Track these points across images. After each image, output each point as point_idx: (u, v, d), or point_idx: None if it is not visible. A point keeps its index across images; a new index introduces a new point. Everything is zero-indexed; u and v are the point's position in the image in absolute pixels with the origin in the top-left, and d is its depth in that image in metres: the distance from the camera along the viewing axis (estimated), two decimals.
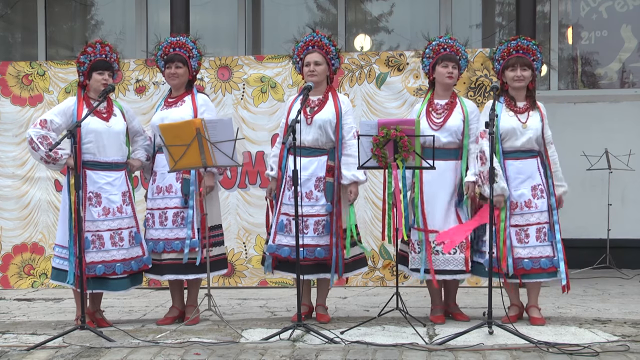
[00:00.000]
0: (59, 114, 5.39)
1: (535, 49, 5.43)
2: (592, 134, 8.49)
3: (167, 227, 5.46)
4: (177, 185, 5.45)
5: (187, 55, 5.61)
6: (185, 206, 5.42)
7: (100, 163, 5.32)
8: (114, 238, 5.34)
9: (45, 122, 5.33)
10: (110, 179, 5.38)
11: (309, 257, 5.35)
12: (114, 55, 5.59)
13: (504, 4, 9.74)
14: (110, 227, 5.34)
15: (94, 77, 5.42)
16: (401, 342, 4.66)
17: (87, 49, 5.49)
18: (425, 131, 5.27)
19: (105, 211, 5.33)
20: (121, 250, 5.37)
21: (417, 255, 5.39)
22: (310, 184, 5.41)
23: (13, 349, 4.70)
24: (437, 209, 5.37)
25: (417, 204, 5.38)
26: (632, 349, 4.46)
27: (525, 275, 5.24)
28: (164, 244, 5.45)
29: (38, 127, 5.31)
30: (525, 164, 5.30)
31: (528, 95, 5.40)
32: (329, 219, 5.40)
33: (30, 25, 9.77)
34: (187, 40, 5.67)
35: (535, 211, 5.26)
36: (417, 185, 5.39)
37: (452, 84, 5.50)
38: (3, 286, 7.38)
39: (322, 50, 5.53)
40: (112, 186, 5.38)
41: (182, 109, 5.50)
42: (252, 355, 4.45)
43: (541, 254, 5.24)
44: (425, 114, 5.45)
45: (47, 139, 5.27)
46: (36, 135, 5.27)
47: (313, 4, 9.75)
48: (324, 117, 5.42)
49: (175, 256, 5.43)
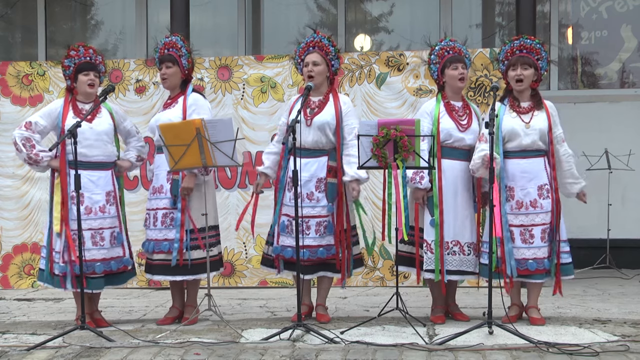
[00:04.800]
0: (44, 116, 5.43)
1: (539, 47, 5.39)
2: (592, 134, 8.49)
3: (157, 228, 5.47)
4: (167, 186, 5.45)
5: (177, 54, 5.59)
6: (174, 207, 5.42)
7: (82, 162, 5.24)
8: (94, 237, 5.33)
9: (30, 124, 5.37)
10: (94, 178, 5.36)
11: (312, 258, 5.36)
12: (99, 57, 5.58)
13: (504, 4, 9.74)
14: (91, 227, 5.32)
15: (79, 79, 5.43)
16: (401, 342, 4.66)
17: (70, 52, 5.48)
18: (451, 132, 5.34)
19: (87, 210, 5.32)
20: (102, 250, 5.36)
21: (434, 255, 5.34)
22: (311, 185, 5.42)
23: (13, 349, 4.70)
24: (457, 208, 5.35)
25: (436, 203, 5.34)
26: (632, 349, 4.46)
27: (529, 276, 5.23)
28: (154, 245, 5.47)
29: (23, 129, 5.36)
30: (531, 164, 5.27)
31: (533, 94, 5.39)
32: (331, 220, 5.41)
33: (30, 25, 9.76)
34: (177, 40, 5.65)
35: (540, 211, 5.24)
36: (435, 184, 5.35)
37: (463, 86, 5.50)
38: (3, 286, 7.38)
39: (322, 50, 5.53)
40: (96, 185, 5.37)
41: (172, 111, 5.50)
42: (252, 355, 4.45)
43: (545, 255, 5.23)
44: (448, 114, 5.41)
45: (30, 141, 5.32)
46: (19, 137, 5.32)
47: (313, 4, 9.75)
48: (322, 119, 5.42)
49: (164, 257, 5.44)
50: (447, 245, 5.35)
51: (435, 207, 5.33)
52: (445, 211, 5.34)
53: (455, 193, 5.37)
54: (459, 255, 5.37)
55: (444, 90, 5.51)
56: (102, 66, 5.60)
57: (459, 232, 5.37)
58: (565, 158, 5.34)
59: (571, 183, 5.38)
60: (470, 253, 5.39)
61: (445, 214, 5.34)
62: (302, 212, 5.30)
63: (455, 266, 5.36)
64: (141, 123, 6.68)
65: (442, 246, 5.31)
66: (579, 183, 5.39)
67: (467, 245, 5.39)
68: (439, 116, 5.38)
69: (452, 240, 5.36)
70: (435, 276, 5.32)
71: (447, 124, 5.37)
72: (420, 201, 5.38)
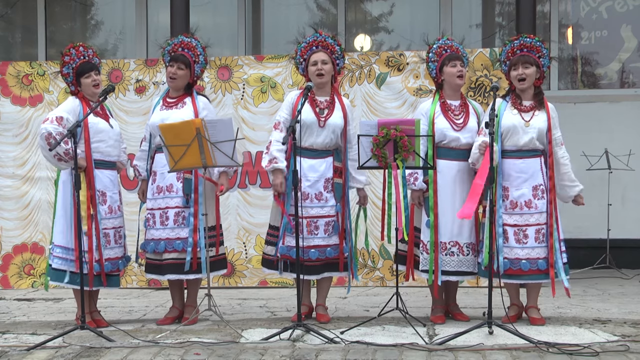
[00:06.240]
0: (71, 113, 5.32)
1: (539, 45, 5.39)
2: (592, 134, 8.49)
3: (169, 227, 5.46)
4: (178, 185, 5.45)
5: (192, 59, 5.58)
6: (187, 206, 5.42)
7: (106, 162, 5.38)
8: (115, 236, 5.45)
9: (61, 119, 5.25)
10: (112, 177, 5.47)
11: (321, 258, 5.37)
12: (90, 51, 5.50)
13: (504, 4, 9.74)
14: (114, 225, 5.45)
15: (82, 82, 5.40)
16: (401, 342, 4.65)
17: (64, 58, 5.41)
18: (445, 132, 5.33)
19: (110, 209, 5.41)
20: (119, 248, 5.50)
21: (429, 256, 5.36)
22: (320, 185, 5.42)
23: (13, 349, 4.70)
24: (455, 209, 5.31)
25: (431, 205, 5.34)
26: (632, 349, 4.46)
27: (523, 277, 5.23)
28: (165, 244, 5.45)
29: (55, 123, 5.22)
30: (528, 164, 5.27)
31: (536, 93, 5.38)
32: (337, 220, 5.42)
33: (30, 25, 9.77)
34: (197, 45, 5.63)
35: (535, 212, 5.24)
36: (431, 185, 5.34)
37: (462, 84, 5.50)
38: (3, 286, 7.38)
39: (327, 50, 5.54)
40: (114, 185, 5.48)
41: (183, 111, 5.48)
42: (252, 355, 4.45)
43: (539, 256, 5.22)
44: (442, 114, 5.41)
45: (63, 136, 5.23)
46: (55, 132, 5.17)
47: (313, 4, 9.75)
48: (336, 122, 5.44)
49: (177, 256, 5.43)
50: (445, 245, 5.35)
51: (431, 209, 5.34)
52: (443, 212, 5.33)
53: (453, 193, 5.36)
54: (457, 255, 5.36)
55: (442, 89, 5.52)
56: (96, 58, 5.56)
57: (457, 233, 5.36)
58: (563, 161, 5.34)
59: (569, 186, 5.37)
60: (469, 253, 5.39)
61: (443, 215, 5.33)
62: (311, 212, 5.34)
63: (453, 267, 5.36)
64: (141, 123, 6.69)
65: (438, 248, 5.31)
66: (576, 186, 5.38)
67: (467, 246, 5.38)
68: (434, 116, 5.39)
69: (450, 241, 5.35)
70: (429, 278, 5.33)
71: (441, 124, 5.36)
72: (416, 202, 5.38)
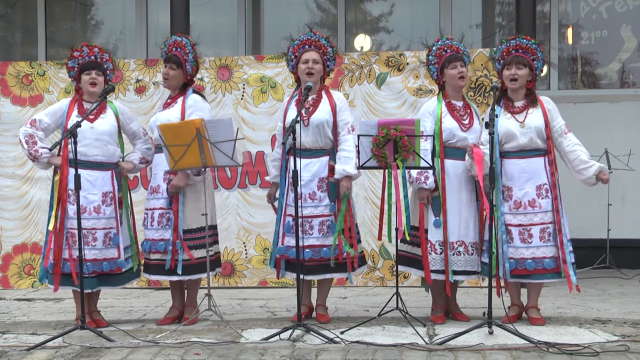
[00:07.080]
0: (49, 114, 5.46)
1: (535, 47, 5.39)
2: (592, 134, 8.47)
3: (154, 228, 5.47)
4: (164, 186, 5.45)
5: (183, 58, 5.56)
6: (171, 207, 5.42)
7: (81, 162, 5.18)
8: (86, 237, 5.28)
9: (34, 122, 5.43)
10: (91, 178, 5.34)
11: (315, 258, 5.36)
12: (105, 55, 5.56)
13: (504, 4, 9.74)
14: (84, 226, 5.23)
15: (82, 78, 5.44)
16: (401, 342, 4.65)
17: (73, 53, 5.50)
18: (454, 131, 5.33)
19: (82, 210, 5.23)
20: (93, 250, 5.31)
21: (439, 256, 5.35)
22: (313, 185, 5.41)
23: (13, 349, 4.70)
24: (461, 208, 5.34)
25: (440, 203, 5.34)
26: (632, 349, 4.45)
27: (528, 276, 5.22)
28: (150, 244, 5.47)
29: (28, 125, 5.43)
30: (530, 163, 5.26)
31: (527, 94, 5.38)
32: (333, 219, 5.41)
33: (30, 25, 9.77)
34: (187, 43, 5.61)
35: (539, 211, 5.22)
36: (439, 183, 5.33)
37: (464, 84, 5.49)
38: (3, 286, 7.38)
39: (320, 50, 5.53)
40: (92, 185, 5.35)
41: (171, 111, 5.49)
42: (252, 355, 4.45)
43: (544, 255, 5.22)
44: (450, 114, 5.39)
45: (32, 138, 5.36)
46: (23, 134, 5.39)
47: (313, 4, 9.75)
48: (320, 117, 5.40)
49: (160, 257, 5.44)
50: (452, 245, 5.34)
51: (441, 208, 5.33)
52: (450, 211, 5.34)
53: (459, 193, 5.36)
54: (464, 255, 5.36)
55: (445, 90, 5.51)
56: (110, 63, 5.59)
57: (463, 233, 5.36)
58: (570, 148, 5.28)
59: (584, 168, 5.25)
60: (474, 253, 5.39)
61: (450, 214, 5.34)
62: (305, 212, 5.31)
63: (460, 266, 5.35)
64: (141, 123, 6.66)
65: (447, 247, 5.32)
66: (592, 166, 5.26)
67: (471, 245, 5.38)
68: (442, 116, 5.38)
69: (457, 241, 5.35)
70: (450, 276, 5.30)
71: (449, 123, 5.36)
72: (424, 201, 5.36)
